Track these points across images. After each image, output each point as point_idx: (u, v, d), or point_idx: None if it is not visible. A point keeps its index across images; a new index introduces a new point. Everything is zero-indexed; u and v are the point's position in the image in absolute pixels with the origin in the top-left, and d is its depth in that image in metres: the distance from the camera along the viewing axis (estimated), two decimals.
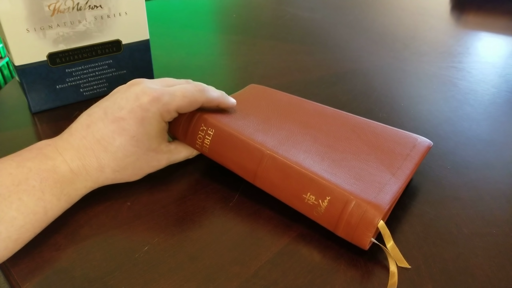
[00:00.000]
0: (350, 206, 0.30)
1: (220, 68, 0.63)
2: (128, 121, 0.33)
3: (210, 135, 0.36)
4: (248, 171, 0.35)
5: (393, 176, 0.33)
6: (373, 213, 0.30)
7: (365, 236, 0.30)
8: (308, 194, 0.32)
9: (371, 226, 0.30)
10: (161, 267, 0.30)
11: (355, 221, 0.30)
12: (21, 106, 0.51)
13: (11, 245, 0.29)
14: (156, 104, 0.34)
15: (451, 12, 0.94)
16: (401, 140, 0.38)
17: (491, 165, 0.42)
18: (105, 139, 0.33)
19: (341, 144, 0.37)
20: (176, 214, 0.35)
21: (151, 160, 0.36)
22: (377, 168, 0.34)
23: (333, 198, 0.31)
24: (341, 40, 0.75)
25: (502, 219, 0.35)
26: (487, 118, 0.51)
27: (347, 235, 0.31)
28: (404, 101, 0.54)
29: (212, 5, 0.97)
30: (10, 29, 0.43)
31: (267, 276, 0.30)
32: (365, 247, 0.30)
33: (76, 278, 0.30)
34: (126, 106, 0.33)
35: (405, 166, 0.35)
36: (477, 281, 0.30)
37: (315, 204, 0.32)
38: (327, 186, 0.31)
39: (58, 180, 0.31)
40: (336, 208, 0.31)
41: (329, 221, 0.31)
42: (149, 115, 0.34)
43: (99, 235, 0.33)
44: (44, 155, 0.31)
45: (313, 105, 0.42)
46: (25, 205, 0.29)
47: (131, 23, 0.50)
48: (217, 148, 0.36)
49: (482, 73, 0.63)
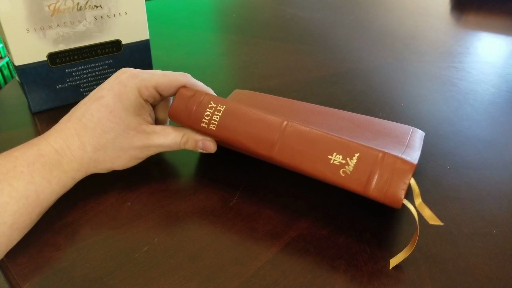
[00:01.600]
0: (382, 161, 0.30)
1: (220, 68, 0.63)
2: (106, 98, 0.34)
3: (220, 111, 0.35)
4: (266, 143, 0.33)
5: (407, 147, 0.34)
6: (404, 168, 0.29)
7: (400, 189, 0.29)
8: (335, 154, 0.31)
9: (406, 180, 0.29)
10: (161, 267, 0.30)
11: (387, 177, 0.29)
12: (21, 106, 0.51)
13: (7, 231, 0.29)
14: (133, 79, 0.35)
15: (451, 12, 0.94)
16: (397, 128, 0.39)
17: (491, 165, 0.42)
18: (86, 116, 0.34)
19: (345, 132, 0.37)
20: (176, 214, 0.35)
21: (132, 139, 0.35)
22: (390, 143, 0.35)
23: (362, 154, 0.30)
24: (341, 40, 0.75)
25: (502, 219, 0.35)
26: (487, 118, 0.51)
27: (379, 193, 0.30)
28: (404, 101, 0.54)
29: (212, 5, 0.97)
30: (10, 29, 0.43)
31: (267, 276, 0.30)
32: (399, 204, 0.29)
33: (76, 278, 0.30)
34: (106, 86, 0.35)
35: (412, 142, 0.36)
36: (477, 281, 0.30)
37: (342, 163, 0.30)
38: (353, 145, 0.31)
39: (45, 162, 0.32)
40: (366, 164, 0.30)
41: (359, 180, 0.30)
42: (127, 90, 0.35)
43: (99, 235, 0.33)
44: (29, 143, 0.33)
45: (305, 105, 0.42)
46: (16, 190, 0.30)
47: (131, 23, 0.50)
48: (229, 123, 0.35)
49: (482, 73, 0.63)
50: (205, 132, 0.36)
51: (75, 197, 0.36)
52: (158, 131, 0.36)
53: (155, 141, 0.36)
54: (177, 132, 0.37)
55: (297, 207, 0.36)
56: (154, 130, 0.36)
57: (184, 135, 0.37)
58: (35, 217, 0.31)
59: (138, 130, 0.35)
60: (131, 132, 0.35)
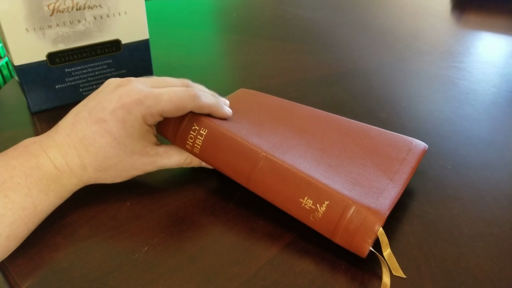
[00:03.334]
0: (350, 211, 0.29)
1: (220, 68, 0.63)
2: (109, 123, 0.32)
3: (203, 135, 0.35)
4: (242, 174, 0.34)
5: (391, 181, 0.33)
6: (373, 220, 0.29)
7: (365, 243, 0.29)
8: (306, 198, 0.31)
9: (371, 233, 0.29)
10: (160, 268, 0.30)
11: (354, 228, 0.29)
12: (20, 106, 0.51)
13: (4, 242, 0.29)
14: (138, 107, 0.33)
15: (452, 12, 0.93)
16: (396, 143, 0.37)
17: (492, 165, 0.42)
18: (87, 139, 0.32)
19: (336, 149, 0.36)
20: (176, 214, 0.35)
21: (136, 163, 0.35)
22: (374, 173, 0.33)
23: (331, 202, 0.30)
24: (341, 40, 0.75)
25: (503, 220, 0.35)
26: (488, 118, 0.51)
27: (345, 242, 0.30)
28: (405, 101, 0.54)
29: (212, 4, 0.97)
30: (9, 28, 0.43)
31: (267, 277, 0.30)
32: (363, 254, 0.29)
33: (76, 279, 0.29)
34: (108, 107, 0.33)
35: (402, 171, 0.34)
36: (478, 282, 0.30)
37: (312, 209, 0.31)
38: (325, 190, 0.30)
39: (43, 176, 0.31)
40: (334, 213, 0.30)
41: (327, 227, 0.30)
42: (131, 117, 0.33)
43: (98, 235, 0.33)
44: (28, 153, 0.31)
45: (306, 109, 0.41)
46: (12, 202, 0.29)
47: (131, 23, 0.50)
48: (210, 149, 0.35)
49: (483, 73, 0.63)
50: (190, 153, 0.36)
51: (75, 197, 0.36)
52: (161, 153, 0.36)
53: (158, 163, 0.36)
54: (180, 154, 0.37)
55: None
56: (157, 152, 0.36)
57: (187, 157, 0.37)
58: (32, 227, 0.31)
59: (141, 154, 0.35)
60: (135, 157, 0.34)
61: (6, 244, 0.29)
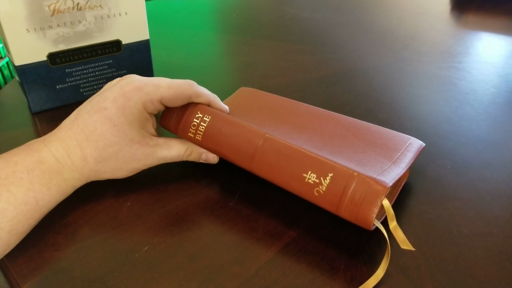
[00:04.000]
0: (354, 181, 0.29)
1: (220, 68, 0.63)
2: (110, 110, 0.33)
3: (206, 121, 0.36)
4: (245, 156, 0.34)
5: (393, 164, 0.33)
6: (377, 189, 0.29)
7: (371, 212, 0.29)
8: (309, 173, 0.31)
9: (376, 201, 0.29)
10: (161, 267, 0.30)
11: (358, 198, 0.29)
12: (21, 106, 0.51)
13: (5, 237, 0.29)
14: (138, 93, 0.34)
15: (451, 12, 0.94)
16: (395, 138, 0.38)
17: (491, 165, 0.42)
18: (88, 128, 0.33)
19: (337, 141, 0.36)
20: (176, 214, 0.35)
21: (135, 153, 0.35)
22: (375, 158, 0.34)
23: (335, 174, 0.30)
24: (341, 40, 0.75)
25: (503, 219, 0.35)
26: (487, 118, 0.51)
27: (350, 215, 0.30)
28: (404, 101, 0.54)
29: (212, 5, 0.97)
30: (10, 29, 0.43)
31: (267, 276, 0.30)
32: (369, 225, 0.29)
33: (76, 278, 0.30)
34: (109, 97, 0.34)
35: (403, 156, 0.35)
36: (477, 281, 0.30)
37: (316, 182, 0.31)
38: (329, 163, 0.31)
39: (45, 170, 0.31)
40: (339, 185, 0.30)
41: (331, 200, 0.30)
42: (131, 104, 0.34)
43: (99, 235, 0.33)
44: (30, 149, 0.32)
45: (306, 107, 0.42)
46: (14, 196, 0.29)
47: (131, 23, 0.50)
48: (213, 134, 0.36)
49: (482, 73, 0.63)
50: (192, 141, 0.37)
51: (75, 197, 0.36)
52: (161, 144, 0.36)
53: (158, 154, 0.36)
54: (181, 145, 0.37)
55: (297, 207, 0.36)
56: (157, 143, 0.36)
57: (188, 148, 0.38)
58: (33, 222, 0.31)
59: (141, 144, 0.35)
60: (135, 146, 0.35)
61: (7, 238, 0.30)
